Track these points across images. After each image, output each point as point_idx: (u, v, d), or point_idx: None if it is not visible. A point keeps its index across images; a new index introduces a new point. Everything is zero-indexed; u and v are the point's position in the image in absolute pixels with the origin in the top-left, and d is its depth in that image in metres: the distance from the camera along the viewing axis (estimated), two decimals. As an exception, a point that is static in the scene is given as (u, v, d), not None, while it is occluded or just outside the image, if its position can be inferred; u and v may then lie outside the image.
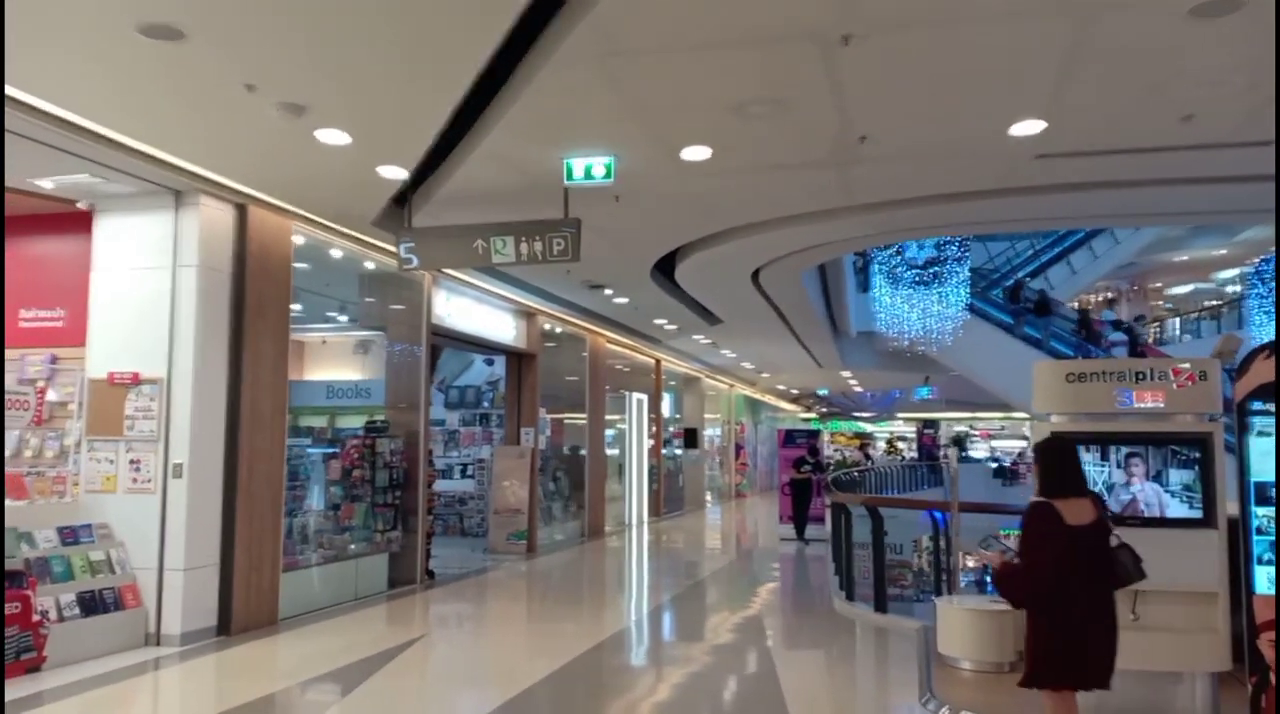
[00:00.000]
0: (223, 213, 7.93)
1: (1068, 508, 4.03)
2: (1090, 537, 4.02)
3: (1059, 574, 3.94)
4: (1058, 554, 3.94)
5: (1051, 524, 3.99)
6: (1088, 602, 3.99)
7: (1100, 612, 4.02)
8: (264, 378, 8.28)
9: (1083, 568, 3.97)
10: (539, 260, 7.52)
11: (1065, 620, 3.97)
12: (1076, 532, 3.99)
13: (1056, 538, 3.97)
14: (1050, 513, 4.01)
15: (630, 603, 10.70)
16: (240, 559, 7.93)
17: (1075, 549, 3.96)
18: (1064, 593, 3.95)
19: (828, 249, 10.30)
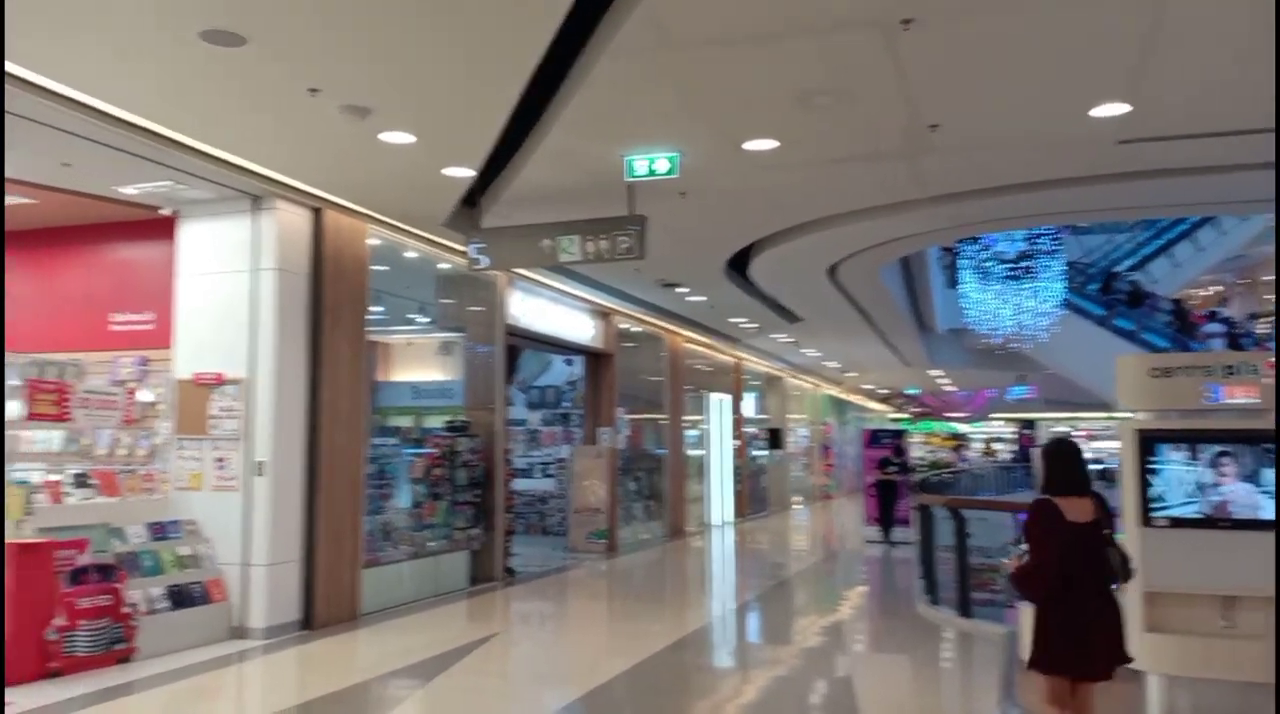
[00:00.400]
0: (299, 217, 8.15)
1: (1068, 505, 4.21)
2: (1089, 533, 4.20)
3: (1046, 567, 4.16)
4: (1061, 549, 4.15)
5: (1052, 520, 4.20)
6: (1087, 596, 4.17)
7: (1100, 606, 4.19)
8: (342, 378, 8.47)
9: (1082, 563, 4.17)
10: (604, 258, 7.51)
11: (1065, 613, 4.17)
12: (1076, 528, 4.18)
13: (1058, 533, 4.17)
14: (1051, 509, 4.22)
15: (709, 603, 10.62)
16: (321, 555, 8.12)
17: (1075, 545, 4.17)
18: (1065, 586, 4.16)
19: (905, 244, 10.05)
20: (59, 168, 7.02)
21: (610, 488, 14.16)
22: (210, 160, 6.90)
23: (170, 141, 6.50)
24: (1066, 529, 4.16)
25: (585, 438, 14.68)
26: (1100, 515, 4.23)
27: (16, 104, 5.73)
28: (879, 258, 10.79)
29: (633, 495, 15.82)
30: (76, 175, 7.22)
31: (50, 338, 8.85)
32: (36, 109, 5.76)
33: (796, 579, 12.40)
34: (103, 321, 8.76)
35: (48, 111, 5.82)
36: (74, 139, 6.34)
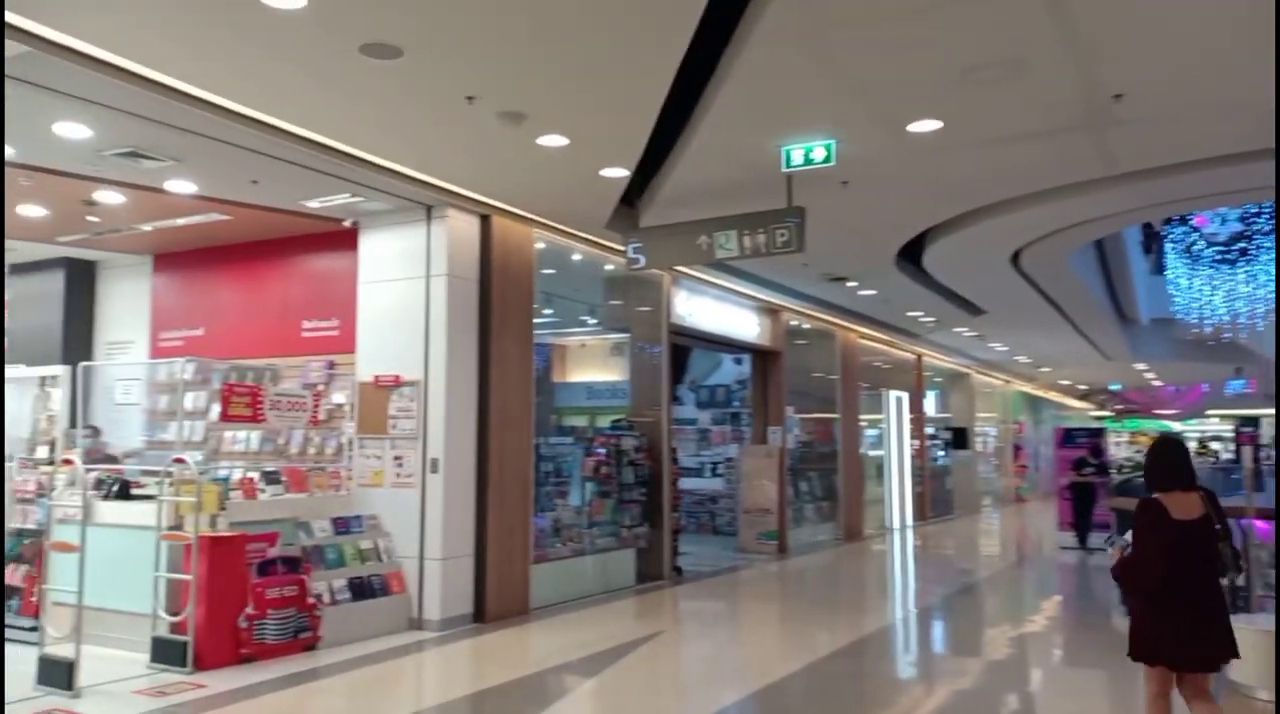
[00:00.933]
0: (468, 224, 8.41)
1: (1173, 503, 4.24)
2: (1196, 530, 4.22)
3: (1165, 564, 4.19)
4: (1165, 546, 4.19)
5: (1157, 518, 4.23)
6: (1190, 590, 4.22)
7: (1202, 600, 4.24)
8: (511, 378, 8.69)
9: (1188, 559, 4.20)
10: (762, 253, 7.34)
11: (1165, 606, 4.23)
12: (1182, 525, 4.20)
13: (1163, 531, 4.20)
14: (1156, 507, 4.25)
15: (884, 608, 10.21)
16: (492, 550, 8.35)
17: (1181, 541, 4.20)
18: (1168, 581, 4.20)
19: (1095, 227, 9.30)
20: (248, 184, 7.54)
21: (780, 488, 13.90)
22: (384, 173, 7.23)
23: (347, 156, 6.86)
24: (1172, 526, 4.21)
25: (754, 437, 14.48)
26: (1209, 511, 4.27)
27: (208, 127, 6.20)
28: (1067, 243, 10.05)
29: (805, 496, 15.48)
30: (264, 191, 7.73)
31: (251, 345, 9.56)
32: (221, 129, 6.20)
33: (980, 586, 11.75)
34: (295, 328, 9.36)
35: (233, 132, 6.25)
36: (260, 157, 6.79)
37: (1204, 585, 4.26)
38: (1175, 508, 4.24)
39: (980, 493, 24.59)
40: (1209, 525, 4.24)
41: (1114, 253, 15.76)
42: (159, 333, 10.29)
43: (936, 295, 13.02)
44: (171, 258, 10.30)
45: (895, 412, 19.16)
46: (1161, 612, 4.25)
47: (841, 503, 16.06)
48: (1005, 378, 27.49)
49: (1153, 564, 4.21)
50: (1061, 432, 16.61)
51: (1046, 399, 34.72)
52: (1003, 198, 8.25)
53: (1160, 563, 4.19)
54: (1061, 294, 13.29)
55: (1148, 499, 4.31)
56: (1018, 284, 11.99)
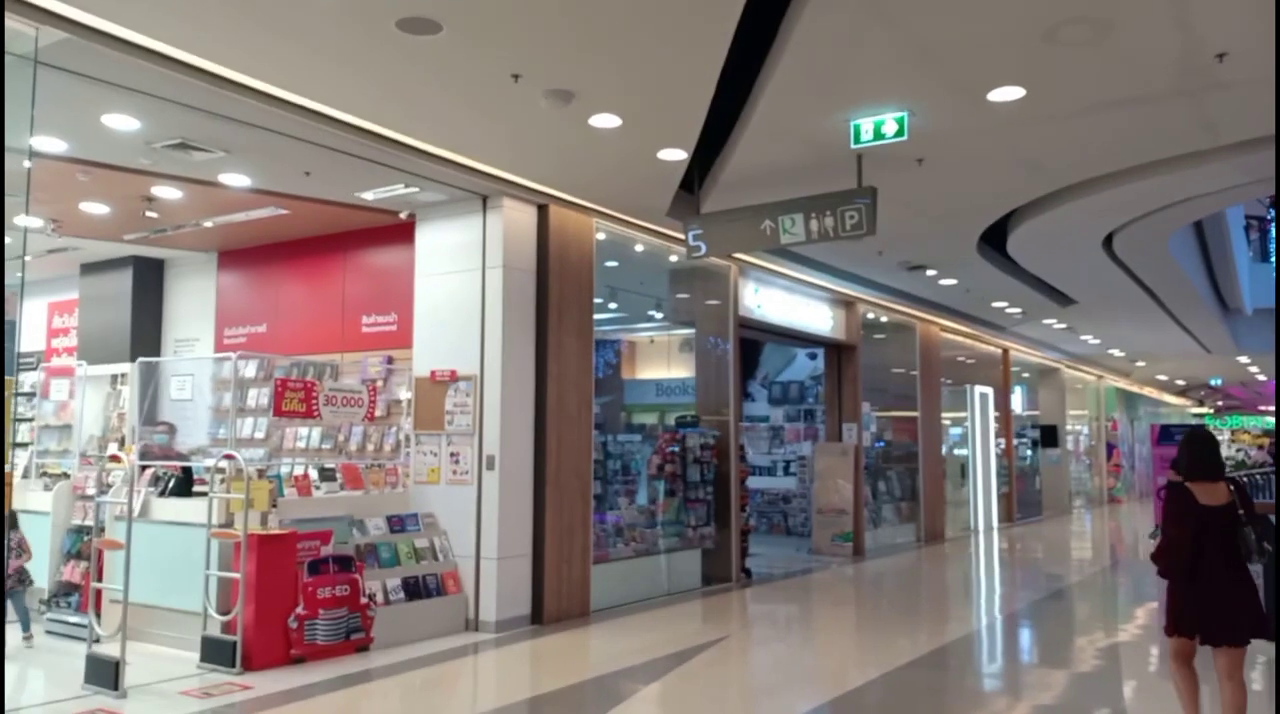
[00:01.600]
0: (524, 214, 8.16)
1: (1201, 490, 4.55)
2: (1222, 516, 4.51)
3: (1179, 546, 4.53)
4: (1192, 529, 4.50)
5: (1184, 503, 4.55)
6: (1214, 571, 4.50)
7: (1229, 580, 4.51)
8: (569, 373, 8.42)
9: (1213, 542, 4.49)
10: (830, 237, 6.92)
11: (1192, 585, 4.56)
12: (1208, 510, 4.51)
13: (1189, 515, 4.52)
14: (1183, 493, 4.57)
15: (964, 615, 9.64)
16: (550, 550, 8.09)
17: (1207, 526, 4.50)
18: (1195, 563, 4.52)
19: (1195, 206, 8.58)
20: (301, 176, 7.40)
21: (856, 487, 13.36)
22: (436, 161, 7.02)
23: (397, 144, 6.66)
24: (1199, 511, 4.51)
25: (828, 434, 13.97)
26: (1234, 499, 4.55)
27: (256, 116, 6.05)
28: (1164, 225, 9.33)
29: (883, 497, 14.89)
30: (317, 183, 7.60)
31: (312, 340, 9.51)
32: (269, 118, 6.05)
33: (1069, 592, 11.06)
34: (356, 324, 9.26)
35: (281, 120, 6.09)
36: (310, 147, 6.64)
37: (1228, 567, 4.54)
38: (1202, 494, 4.56)
39: (1071, 494, 23.52)
40: (1233, 511, 4.53)
41: (1215, 237, 14.77)
42: (224, 329, 10.31)
43: (1023, 284, 12.33)
44: (235, 255, 10.32)
45: (980, 408, 18.37)
46: (1188, 589, 4.61)
47: (922, 504, 15.41)
48: (1098, 373, 26.28)
49: (1182, 546, 4.55)
50: (1158, 429, 15.65)
51: (1142, 395, 33.16)
52: (1093, 175, 7.65)
53: (1188, 544, 4.52)
54: (1158, 281, 12.46)
55: (1175, 484, 4.66)
56: (1111, 271, 11.25)
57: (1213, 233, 14.96)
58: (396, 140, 6.66)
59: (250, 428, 9.79)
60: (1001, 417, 19.60)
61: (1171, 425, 16.01)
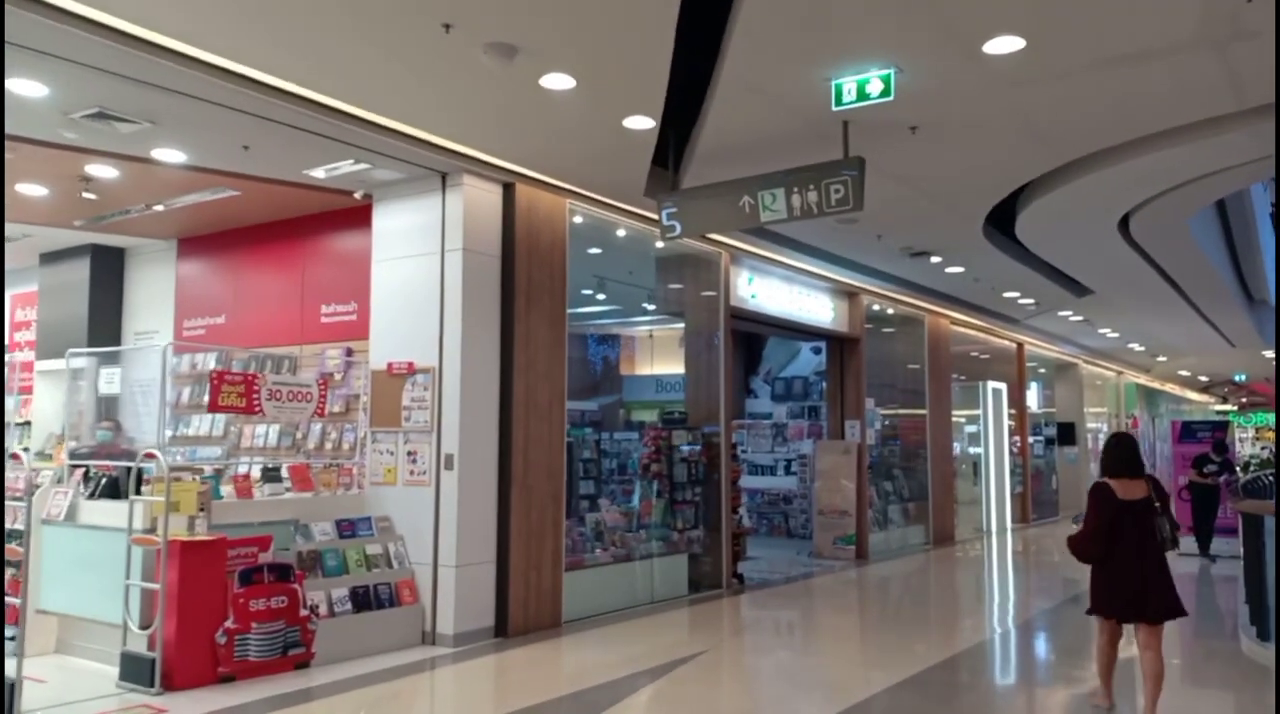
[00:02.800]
0: (488, 193, 7.56)
1: (1120, 486, 5.12)
2: (1137, 509, 5.06)
3: (1100, 535, 5.06)
4: (1107, 521, 5.04)
5: (1104, 498, 5.11)
6: (1133, 557, 5.04)
7: (1143, 565, 5.05)
8: (539, 364, 7.81)
9: (1129, 532, 5.03)
10: (814, 213, 6.29)
11: (1111, 571, 5.10)
12: (1126, 504, 5.07)
13: (1107, 509, 5.07)
14: (1104, 489, 5.14)
15: (969, 624, 8.97)
16: (517, 556, 7.48)
17: (1123, 517, 5.04)
18: (1111, 550, 5.06)
19: (1217, 183, 7.86)
20: (239, 151, 6.83)
21: (859, 488, 12.69)
22: (381, 131, 6.43)
23: (333, 111, 6.07)
24: (1117, 505, 5.06)
25: (830, 432, 13.30)
26: (1151, 494, 5.11)
27: (178, 81, 5.50)
28: (1186, 204, 8.61)
29: (890, 497, 14.21)
30: (258, 159, 7.02)
31: (271, 332, 8.95)
32: (193, 84, 5.49)
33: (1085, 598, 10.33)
34: (315, 314, 8.69)
35: (206, 86, 5.55)
36: (244, 117, 6.08)
37: (1144, 554, 5.10)
38: (1121, 490, 5.15)
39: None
40: (1149, 505, 5.12)
41: (1239, 223, 14.00)
42: (183, 321, 9.77)
43: (1035, 272, 11.63)
44: (195, 242, 9.77)
45: (993, 405, 17.63)
46: (1110, 575, 5.17)
47: (931, 504, 14.71)
48: (1117, 368, 25.45)
49: (1096, 537, 5.11)
50: (1179, 426, 14.87)
51: (1163, 391, 32.25)
52: (1104, 145, 6.96)
53: (1102, 536, 5.09)
54: (1180, 269, 11.72)
55: (1098, 482, 5.26)
56: (1128, 257, 10.53)
57: (1237, 219, 14.18)
58: (334, 108, 6.08)
59: (209, 425, 9.27)
60: (1016, 414, 18.86)
61: (1194, 422, 15.23)
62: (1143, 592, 5.10)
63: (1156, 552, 5.11)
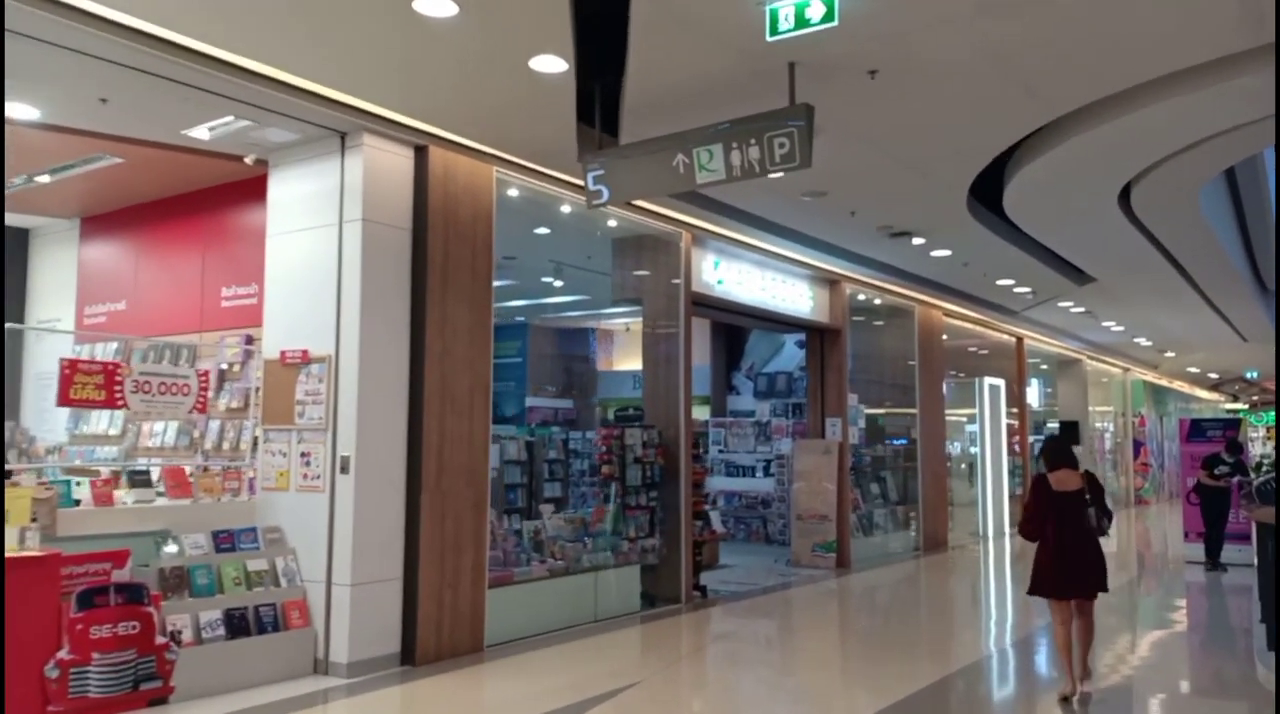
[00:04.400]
0: (395, 157, 6.62)
1: (1057, 478, 5.86)
2: (1070, 498, 5.80)
3: (1040, 520, 5.83)
4: (1041, 508, 5.83)
5: (1040, 489, 5.89)
6: (1066, 542, 5.76)
7: (1076, 548, 5.76)
8: (459, 352, 6.87)
9: (1063, 518, 5.77)
10: (756, 172, 5.35)
11: (1047, 553, 5.82)
12: (1060, 494, 5.81)
13: (1042, 498, 5.84)
14: (1042, 481, 5.92)
15: (961, 640, 8.01)
16: (428, 572, 6.55)
17: (1057, 506, 5.79)
18: (1047, 534, 5.81)
19: (1234, 143, 6.85)
20: (96, 105, 5.90)
21: (840, 490, 11.73)
22: (252, 79, 5.51)
23: (184, 50, 5.15)
24: (1052, 495, 5.81)
25: (810, 430, 12.34)
26: (1085, 486, 5.84)
27: (21, 23, 4.62)
28: (1195, 172, 7.63)
29: (877, 500, 13.24)
30: (121, 114, 6.10)
31: (171, 319, 8.05)
32: (16, 18, 4.56)
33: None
34: (216, 298, 7.78)
35: (34, 21, 4.66)
36: (94, 63, 5.19)
37: (1077, 538, 5.73)
38: (1057, 482, 5.80)
39: (1094, 495, 21.64)
40: (1081, 496, 5.75)
41: (1253, 206, 13.00)
42: (84, 307, 8.86)
43: (1029, 256, 10.65)
44: (96, 222, 8.87)
45: (990, 402, 16.65)
46: (1048, 557, 5.77)
47: (921, 507, 13.73)
48: (1124, 365, 24.41)
49: (1033, 519, 5.83)
50: (1188, 424, 13.87)
51: (1172, 389, 31.18)
52: (1101, 93, 5.98)
53: (1038, 520, 5.79)
54: (1187, 251, 10.72)
55: (1038, 474, 5.95)
56: (1131, 237, 9.55)
57: (1251, 202, 13.17)
58: (198, 52, 5.17)
59: (106, 422, 8.37)
60: (1017, 411, 17.87)
61: (1204, 420, 14.22)
62: (1074, 571, 5.79)
63: (1088, 536, 5.80)
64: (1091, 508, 5.74)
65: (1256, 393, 35.78)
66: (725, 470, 14.46)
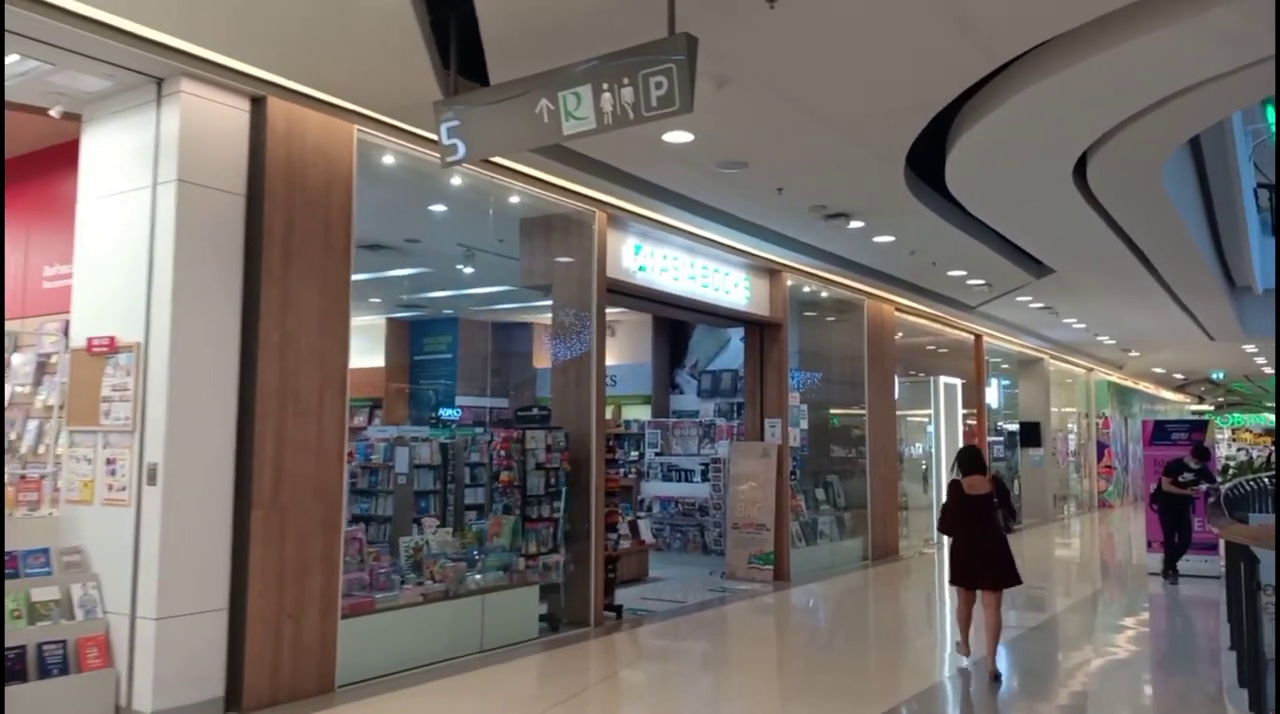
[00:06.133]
0: (224, 107, 5.59)
1: (969, 483, 6.65)
2: (980, 501, 6.57)
3: (954, 520, 6.66)
4: (954, 509, 6.67)
5: (955, 493, 6.70)
6: (975, 539, 6.54)
7: (985, 544, 6.52)
8: (304, 341, 5.85)
9: (973, 518, 6.56)
10: (631, 118, 4.40)
11: (959, 548, 6.62)
12: (971, 497, 6.59)
13: (956, 500, 6.66)
14: (956, 486, 6.72)
15: (910, 666, 7.09)
16: (260, 602, 5.52)
17: (967, 506, 6.59)
18: (959, 532, 6.63)
19: (1204, 102, 5.95)
20: None
21: (779, 496, 10.81)
22: (33, 5, 4.47)
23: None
24: (964, 498, 6.61)
25: (748, 431, 11.41)
26: (992, 490, 6.61)
27: None
28: (1159, 139, 6.74)
29: (822, 507, 12.33)
30: None
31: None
32: None
33: (1033, 636, 8.50)
34: (39, 279, 6.69)
35: None
36: None
37: (986, 536, 6.56)
38: (969, 486, 6.67)
39: (1056, 498, 20.95)
40: (989, 499, 6.60)
41: (1222, 197, 12.25)
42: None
43: (981, 243, 9.77)
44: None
45: (945, 402, 15.81)
46: (961, 552, 6.62)
47: (870, 514, 12.83)
48: (1087, 365, 23.73)
49: (948, 519, 6.78)
50: (1151, 425, 13.05)
51: (1137, 390, 30.61)
52: (1051, 32, 5.07)
53: (951, 517, 6.74)
54: (1151, 238, 9.85)
55: (953, 480, 6.93)
56: (1089, 220, 8.66)
57: (1220, 193, 12.43)
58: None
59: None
60: (975, 412, 17.06)
61: (1168, 421, 13.43)
62: (982, 565, 6.50)
63: (995, 533, 6.57)
64: (1000, 510, 6.62)
65: (1222, 394, 35.40)
66: (663, 474, 13.50)
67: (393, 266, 11.05)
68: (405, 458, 8.87)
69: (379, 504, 8.96)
